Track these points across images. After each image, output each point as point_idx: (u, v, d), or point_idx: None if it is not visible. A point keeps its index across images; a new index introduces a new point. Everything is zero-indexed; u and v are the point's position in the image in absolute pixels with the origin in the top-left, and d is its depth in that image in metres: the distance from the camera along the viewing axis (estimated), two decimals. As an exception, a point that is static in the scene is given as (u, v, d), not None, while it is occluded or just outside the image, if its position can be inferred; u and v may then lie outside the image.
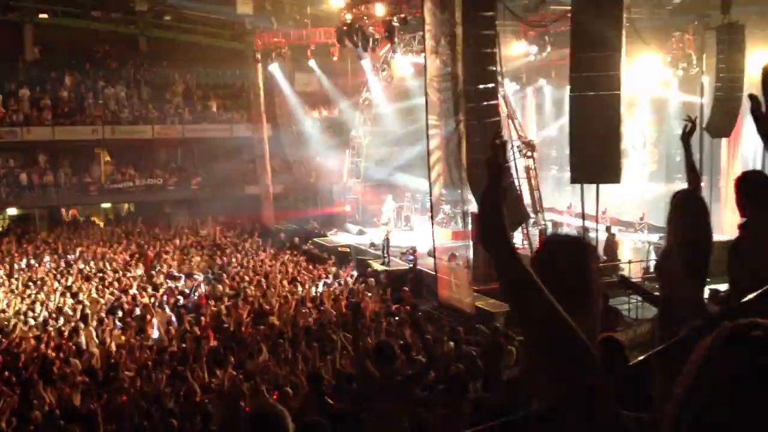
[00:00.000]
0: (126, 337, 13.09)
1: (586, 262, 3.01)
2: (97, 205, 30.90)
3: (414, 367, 7.45)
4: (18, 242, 23.89)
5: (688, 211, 4.20)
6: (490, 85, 15.08)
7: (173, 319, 14.34)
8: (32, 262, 20.60)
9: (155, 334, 13.49)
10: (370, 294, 16.39)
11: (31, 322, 14.34)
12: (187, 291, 16.70)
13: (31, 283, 17.85)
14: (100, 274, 18.64)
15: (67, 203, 29.92)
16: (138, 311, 14.84)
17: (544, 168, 23.06)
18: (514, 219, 16.22)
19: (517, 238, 18.25)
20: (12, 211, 29.42)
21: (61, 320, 14.40)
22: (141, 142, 30.20)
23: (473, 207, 17.39)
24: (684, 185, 4.53)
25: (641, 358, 2.87)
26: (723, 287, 4.59)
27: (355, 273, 19.55)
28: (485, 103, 14.91)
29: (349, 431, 6.06)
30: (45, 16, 30.04)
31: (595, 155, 13.98)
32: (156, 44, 32.65)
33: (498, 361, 10.07)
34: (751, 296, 2.77)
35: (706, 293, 4.90)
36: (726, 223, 14.61)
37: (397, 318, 13.86)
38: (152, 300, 15.67)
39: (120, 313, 14.88)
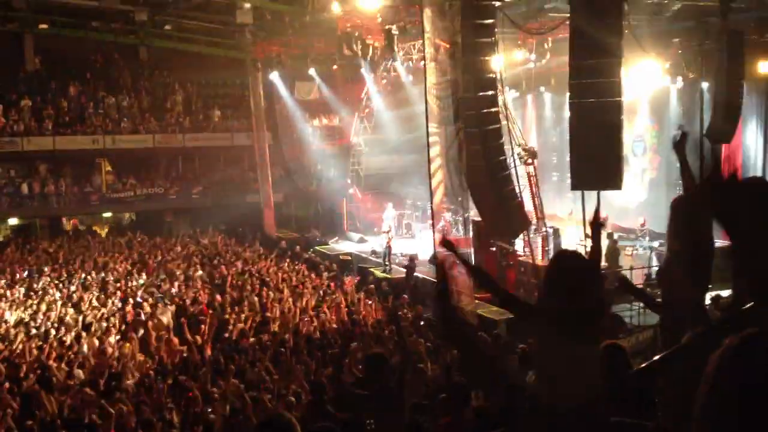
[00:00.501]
0: (127, 347, 13.06)
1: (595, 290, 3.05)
2: (98, 215, 30.93)
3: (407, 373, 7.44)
4: (19, 252, 23.90)
5: (688, 216, 4.21)
6: (490, 93, 15.09)
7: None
8: (33, 271, 20.59)
9: (155, 343, 13.49)
10: (370, 302, 16.38)
11: (33, 332, 14.32)
12: (188, 300, 16.67)
13: (32, 293, 17.84)
14: (102, 284, 18.63)
15: (69, 213, 29.93)
16: (140, 320, 14.82)
17: (544, 175, 23.04)
18: (515, 226, 16.25)
19: (519, 245, 18.26)
20: (13, 221, 29.44)
21: (63, 330, 14.39)
22: (142, 152, 30.24)
23: (474, 214, 17.42)
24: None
25: (644, 364, 2.87)
26: (725, 293, 4.60)
27: (356, 280, 19.52)
28: (485, 110, 14.93)
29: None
30: (45, 26, 30.09)
31: (595, 162, 13.98)
32: (156, 54, 32.74)
33: (500, 369, 10.04)
34: (753, 302, 2.77)
35: (708, 298, 4.90)
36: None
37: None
38: (154, 309, 15.65)
39: (120, 322, 14.86)
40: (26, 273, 20.34)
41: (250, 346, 12.91)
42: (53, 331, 14.32)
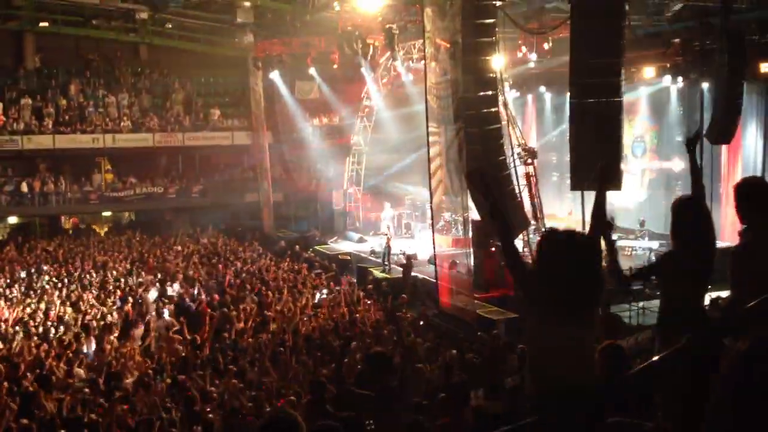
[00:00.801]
0: (127, 346, 13.06)
1: (590, 265, 3.01)
2: (97, 214, 30.90)
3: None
4: (19, 251, 23.88)
5: (690, 218, 4.22)
6: (490, 93, 15.09)
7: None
8: (33, 270, 20.56)
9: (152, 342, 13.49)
10: (370, 302, 16.38)
11: (32, 331, 14.31)
12: (187, 299, 16.67)
13: (31, 292, 17.82)
14: (101, 283, 18.61)
15: (68, 212, 29.90)
16: (139, 319, 14.82)
17: (544, 175, 23.04)
18: (514, 226, 16.24)
19: (518, 245, 18.24)
20: (13, 220, 29.42)
21: (62, 329, 14.38)
22: (142, 151, 30.17)
23: (474, 214, 17.42)
24: (684, 192, 4.56)
25: (644, 365, 2.87)
26: (724, 294, 4.60)
27: (353, 281, 19.52)
28: (485, 110, 14.93)
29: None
30: (45, 24, 30.04)
31: (595, 162, 13.96)
32: (157, 52, 32.66)
33: (499, 368, 10.06)
34: (752, 303, 2.77)
35: (707, 300, 4.91)
36: (727, 229, 14.62)
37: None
38: (153, 308, 15.64)
39: (120, 321, 14.85)
40: (24, 273, 20.32)
41: (250, 345, 12.91)
42: (52, 330, 14.31)
